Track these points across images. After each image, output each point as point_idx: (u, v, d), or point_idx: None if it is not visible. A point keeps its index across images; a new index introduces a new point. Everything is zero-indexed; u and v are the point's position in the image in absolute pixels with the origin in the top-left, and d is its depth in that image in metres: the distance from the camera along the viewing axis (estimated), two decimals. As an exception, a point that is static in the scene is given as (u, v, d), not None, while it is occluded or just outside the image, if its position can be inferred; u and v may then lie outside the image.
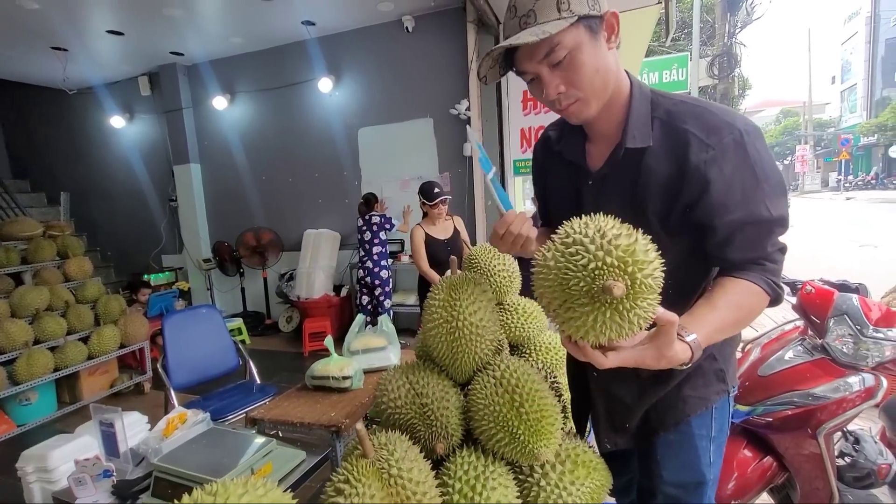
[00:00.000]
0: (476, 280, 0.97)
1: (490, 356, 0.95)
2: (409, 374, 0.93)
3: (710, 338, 0.77)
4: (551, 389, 0.93)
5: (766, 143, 0.81)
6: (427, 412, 0.87)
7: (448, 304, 0.90)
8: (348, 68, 4.95)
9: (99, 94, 6.05)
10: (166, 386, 2.34)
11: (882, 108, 25.89)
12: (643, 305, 0.64)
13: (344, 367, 1.98)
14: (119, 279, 6.53)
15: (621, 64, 0.87)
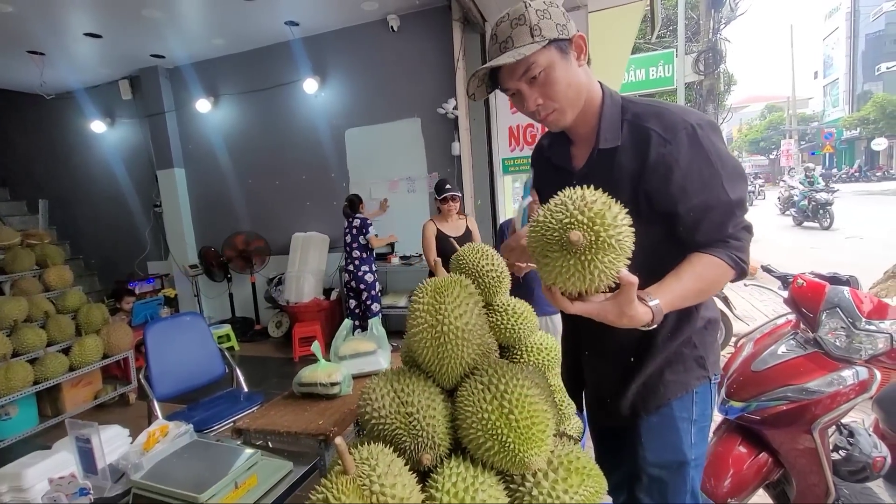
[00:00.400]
0: (462, 282, 0.93)
1: (478, 360, 0.92)
2: (393, 382, 0.89)
3: (672, 304, 0.87)
4: (542, 393, 0.90)
5: (720, 135, 0.93)
6: (413, 422, 0.83)
7: (432, 308, 0.86)
8: (333, 69, 4.89)
9: (78, 98, 5.92)
10: (149, 397, 2.27)
11: (864, 101, 26.35)
12: (604, 261, 0.74)
13: (332, 374, 1.93)
14: (103, 287, 6.41)
15: (610, 60, 1.27)
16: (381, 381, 0.91)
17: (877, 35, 29.69)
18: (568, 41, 0.92)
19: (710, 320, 1.09)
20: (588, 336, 1.20)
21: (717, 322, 1.13)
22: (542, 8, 0.91)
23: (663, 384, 1.06)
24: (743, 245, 0.91)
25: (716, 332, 1.13)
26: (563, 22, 0.92)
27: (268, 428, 1.71)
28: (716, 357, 1.11)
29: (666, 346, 1.04)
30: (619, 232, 0.74)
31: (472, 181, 4.37)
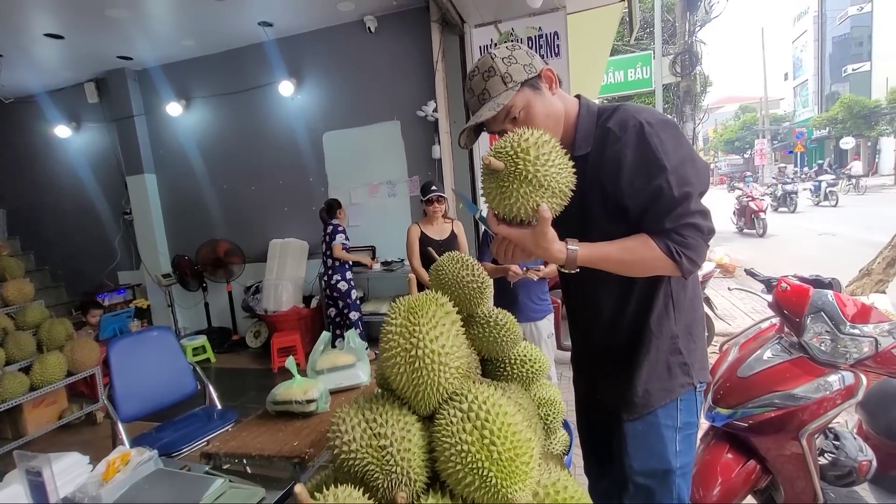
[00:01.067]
0: (438, 300, 0.86)
1: (457, 385, 0.85)
2: (365, 411, 0.82)
3: (590, 259, 0.95)
4: (527, 418, 0.84)
5: (674, 133, 0.96)
6: (386, 456, 0.76)
7: (406, 330, 0.79)
8: (310, 71, 4.77)
9: (41, 102, 5.66)
10: (113, 420, 2.14)
11: (832, 102, 27.25)
12: (520, 191, 0.84)
13: (308, 390, 1.84)
14: (71, 299, 6.13)
15: (589, 62, 1.43)
16: (352, 409, 0.83)
17: (843, 38, 30.78)
18: (537, 77, 1.00)
19: (693, 326, 1.10)
20: (579, 333, 1.28)
21: (701, 328, 1.14)
22: (507, 55, 0.99)
23: (648, 392, 1.07)
24: (686, 241, 0.92)
25: (701, 338, 1.14)
26: (529, 61, 1.00)
27: (239, 451, 1.61)
28: (701, 364, 1.12)
29: (650, 351, 1.06)
30: (539, 169, 0.83)
31: (454, 184, 4.31)
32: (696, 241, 0.92)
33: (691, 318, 1.09)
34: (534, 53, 1.03)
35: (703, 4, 7.44)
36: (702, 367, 1.11)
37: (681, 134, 0.97)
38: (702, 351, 1.12)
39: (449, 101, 4.17)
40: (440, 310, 0.83)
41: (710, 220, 0.93)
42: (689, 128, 8.42)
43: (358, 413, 0.82)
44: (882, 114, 20.92)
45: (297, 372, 1.89)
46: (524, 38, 3.86)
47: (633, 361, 1.08)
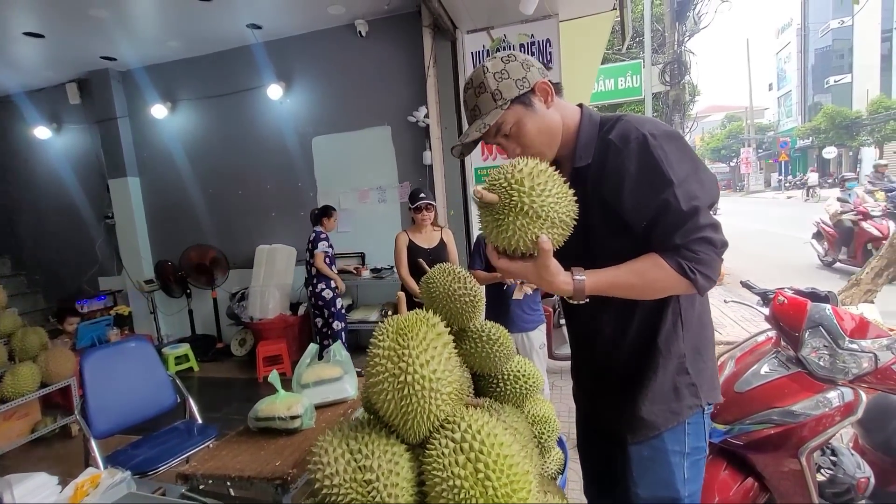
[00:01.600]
0: (429, 320, 0.80)
1: (448, 411, 0.79)
2: (349, 440, 0.76)
3: (598, 287, 0.90)
4: (523, 446, 0.78)
5: (678, 145, 0.91)
6: (372, 491, 0.70)
7: (395, 354, 0.73)
8: (299, 74, 4.70)
9: (19, 102, 5.51)
10: (86, 437, 2.03)
11: (815, 112, 27.88)
12: (516, 223, 0.82)
13: (292, 405, 1.76)
14: (49, 305, 5.95)
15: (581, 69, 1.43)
16: (335, 438, 0.77)
17: (825, 50, 31.58)
18: (531, 92, 0.97)
19: (702, 344, 1.05)
20: (581, 351, 1.23)
21: (710, 345, 1.08)
22: (500, 69, 0.96)
23: (654, 413, 1.01)
24: (699, 257, 0.86)
25: (711, 357, 1.08)
26: (522, 74, 0.96)
27: (217, 472, 1.53)
28: (711, 384, 1.06)
29: (656, 371, 1.01)
30: (535, 199, 0.81)
31: (445, 191, 4.27)
32: (710, 255, 0.86)
33: (700, 336, 1.04)
34: (532, 63, 0.99)
35: (692, 15, 7.56)
36: (711, 387, 1.05)
37: (686, 145, 0.93)
38: (711, 370, 1.06)
39: (440, 106, 4.13)
40: (431, 331, 0.77)
41: (721, 233, 0.88)
42: (678, 136, 8.52)
43: (342, 442, 0.75)
44: (863, 124, 21.44)
45: (280, 386, 1.81)
46: (517, 44, 3.85)
47: (638, 381, 1.02)
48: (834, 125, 22.43)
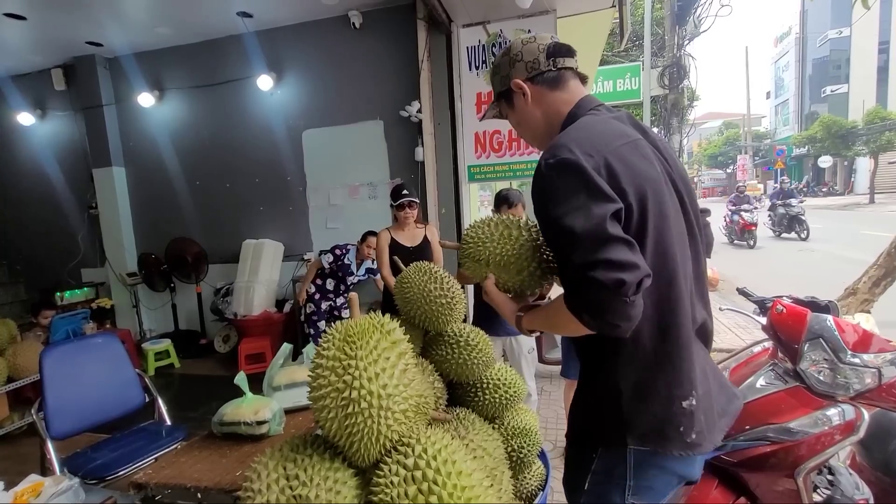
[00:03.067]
0: (384, 326, 0.70)
1: (403, 430, 0.69)
2: (287, 464, 0.65)
3: (532, 324, 0.99)
4: (486, 472, 0.68)
5: (572, 173, 0.82)
6: (306, 527, 0.60)
7: (339, 365, 0.63)
8: (291, 65, 4.59)
9: (3, 87, 5.36)
10: (42, 437, 1.92)
11: (811, 121, 27.98)
12: (470, 267, 1.04)
13: (259, 410, 1.65)
14: (30, 297, 5.79)
15: (581, 68, 1.08)
16: (271, 461, 0.67)
17: (822, 60, 31.72)
18: (509, 90, 1.06)
19: (649, 389, 0.88)
20: None
21: (655, 388, 0.88)
22: (496, 63, 1.10)
23: (586, 431, 0.96)
24: (586, 298, 0.76)
25: (655, 399, 0.88)
26: (507, 72, 1.05)
27: (172, 482, 1.42)
28: (649, 428, 0.88)
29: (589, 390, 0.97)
30: (479, 249, 1.00)
31: (437, 188, 4.16)
32: (599, 296, 0.74)
33: (651, 378, 0.87)
34: (518, 59, 1.03)
35: (692, 19, 7.50)
36: (651, 431, 0.87)
37: (579, 179, 0.81)
38: (653, 413, 0.87)
39: (434, 101, 4.03)
40: (385, 339, 0.67)
41: (618, 271, 0.72)
42: (676, 140, 8.44)
43: (278, 466, 0.65)
44: (858, 134, 21.49)
45: (248, 389, 1.70)
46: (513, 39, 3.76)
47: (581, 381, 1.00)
48: (830, 134, 22.49)
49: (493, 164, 3.98)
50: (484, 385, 1.33)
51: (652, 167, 0.89)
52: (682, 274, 0.87)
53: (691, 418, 0.87)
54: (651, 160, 0.90)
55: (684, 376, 0.87)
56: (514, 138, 3.87)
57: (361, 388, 0.62)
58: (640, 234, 0.82)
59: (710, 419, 0.91)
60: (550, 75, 1.01)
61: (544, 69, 1.00)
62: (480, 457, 0.75)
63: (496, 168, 3.97)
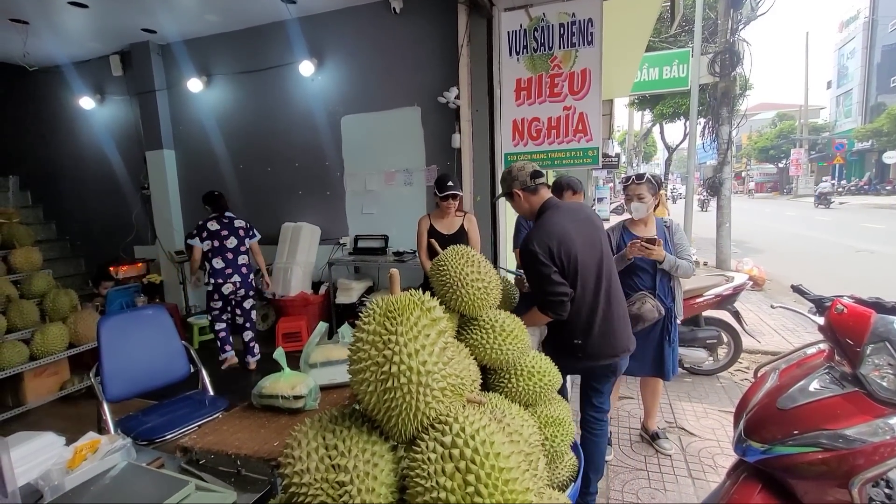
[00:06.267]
0: (424, 303, 0.70)
1: (441, 409, 0.69)
2: (326, 434, 0.66)
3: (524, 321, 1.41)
4: (524, 456, 0.67)
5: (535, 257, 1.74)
6: (344, 496, 0.61)
7: (380, 340, 0.63)
8: (331, 51, 4.63)
9: (66, 72, 5.69)
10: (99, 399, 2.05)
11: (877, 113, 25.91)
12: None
13: (296, 385, 1.70)
14: (89, 270, 6.21)
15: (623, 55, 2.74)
16: (311, 430, 0.68)
17: (893, 47, 29.14)
18: (510, 193, 1.92)
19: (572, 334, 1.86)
20: None
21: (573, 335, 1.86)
22: (504, 177, 1.96)
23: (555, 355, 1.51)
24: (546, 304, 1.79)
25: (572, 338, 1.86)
26: (509, 183, 1.91)
27: (215, 448, 1.49)
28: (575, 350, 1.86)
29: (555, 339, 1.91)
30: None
31: (472, 176, 4.12)
32: (554, 306, 1.76)
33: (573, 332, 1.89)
34: (518, 177, 1.90)
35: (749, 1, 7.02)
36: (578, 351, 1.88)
37: (538, 259, 1.74)
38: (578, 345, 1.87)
39: (472, 88, 3.97)
40: (425, 315, 0.67)
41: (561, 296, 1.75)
42: (725, 131, 8.00)
43: (317, 436, 0.66)
44: (932, 128, 19.74)
45: (286, 364, 1.76)
46: (556, 23, 3.63)
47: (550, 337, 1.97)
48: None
49: (531, 152, 3.89)
50: (518, 372, 1.31)
51: (574, 240, 1.75)
52: (590, 290, 1.80)
53: (584, 347, 1.84)
54: (574, 233, 1.76)
55: (581, 331, 1.83)
56: (552, 126, 3.78)
57: (401, 363, 0.62)
58: (568, 275, 1.75)
59: (594, 350, 1.84)
60: (531, 188, 1.88)
61: (529, 185, 1.87)
62: (517, 441, 0.74)
63: (534, 156, 3.89)
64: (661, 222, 2.45)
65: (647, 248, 2.21)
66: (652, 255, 2.23)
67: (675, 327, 2.42)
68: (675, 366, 2.47)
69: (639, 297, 2.33)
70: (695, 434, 2.76)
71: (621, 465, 2.50)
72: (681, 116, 12.40)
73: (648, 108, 14.67)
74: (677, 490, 2.27)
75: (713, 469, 2.42)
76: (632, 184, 2.36)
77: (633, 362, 2.46)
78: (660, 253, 2.23)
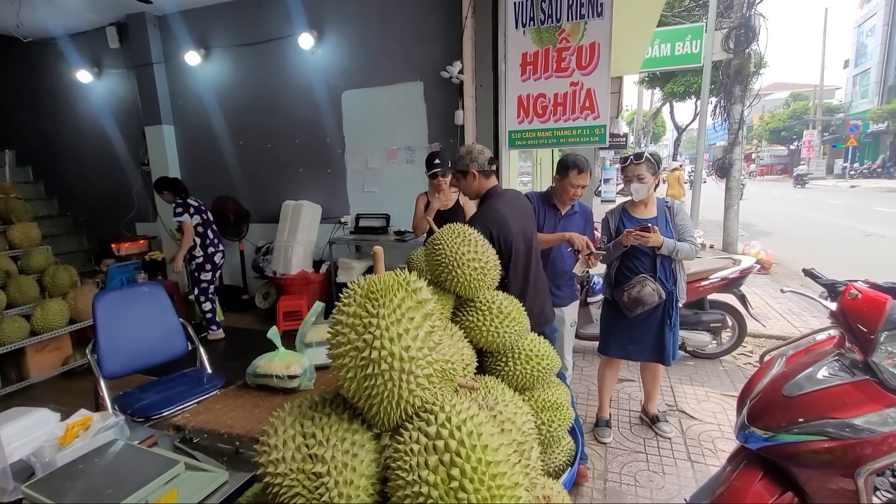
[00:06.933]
0: (410, 283, 0.64)
1: (427, 396, 0.64)
2: (304, 421, 0.62)
3: None
4: (514, 447, 0.63)
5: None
6: (320, 488, 0.57)
7: (360, 323, 0.59)
8: (331, 23, 4.49)
9: (62, 44, 5.56)
10: (95, 376, 2.04)
11: (895, 93, 25.16)
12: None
13: (291, 365, 1.68)
14: (92, 247, 6.20)
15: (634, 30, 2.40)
16: (289, 417, 0.64)
17: (917, 23, 28.07)
18: (467, 171, 1.99)
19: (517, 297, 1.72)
20: None
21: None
22: (463, 154, 2.02)
23: None
24: None
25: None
26: (467, 162, 1.98)
27: (207, 427, 1.47)
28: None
29: None
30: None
31: (475, 154, 4.03)
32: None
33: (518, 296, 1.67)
34: (476, 158, 1.98)
35: (769, -28, 6.72)
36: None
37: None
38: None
39: (476, 61, 3.84)
40: (410, 297, 0.62)
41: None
42: (737, 111, 7.78)
43: (295, 423, 0.62)
44: (952, 110, 19.15)
45: (280, 344, 1.73)
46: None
47: None
48: (917, 109, 20.17)
49: (536, 129, 3.78)
50: (515, 355, 1.27)
51: (511, 229, 1.86)
52: (519, 274, 1.91)
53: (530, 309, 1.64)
54: (512, 222, 1.87)
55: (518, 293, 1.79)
56: (559, 102, 3.66)
57: (382, 348, 0.57)
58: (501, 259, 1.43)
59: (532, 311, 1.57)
60: (486, 172, 1.98)
61: (485, 169, 1.97)
62: (508, 430, 0.69)
63: (539, 134, 3.78)
64: (662, 202, 2.36)
65: (643, 236, 2.14)
66: (649, 243, 2.17)
67: (676, 311, 2.36)
68: (675, 351, 2.42)
69: (639, 280, 2.26)
70: (695, 417, 2.74)
71: (620, 447, 2.49)
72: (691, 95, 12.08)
73: (659, 87, 14.29)
74: (676, 473, 2.26)
75: (713, 453, 2.41)
76: (630, 164, 2.26)
77: (632, 346, 2.42)
78: (657, 239, 2.15)
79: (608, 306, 2.49)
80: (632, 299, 2.26)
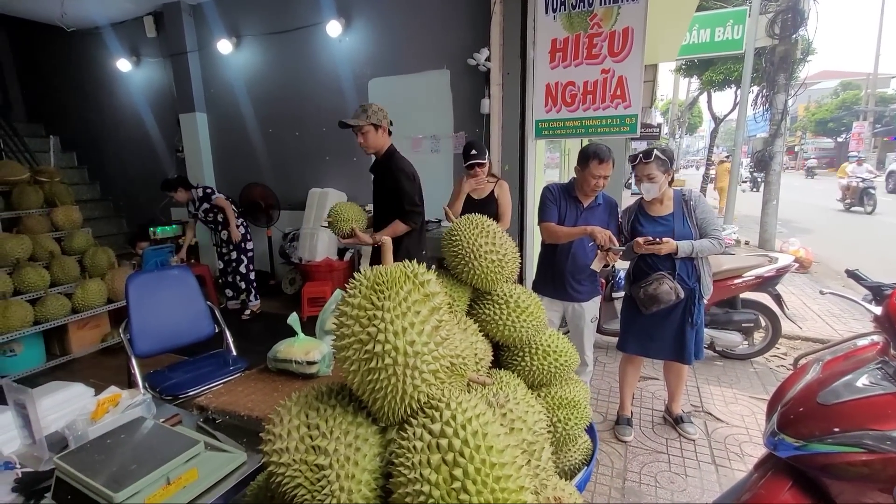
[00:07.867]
0: (418, 275, 0.63)
1: (433, 392, 0.63)
2: (309, 412, 0.62)
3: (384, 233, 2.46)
4: (522, 449, 0.61)
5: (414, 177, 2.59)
6: (322, 480, 0.56)
7: (364, 315, 0.57)
8: (359, 11, 4.47)
9: (103, 34, 5.76)
10: (128, 354, 2.13)
11: (960, 82, 23.29)
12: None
13: (310, 351, 1.70)
14: (130, 230, 6.48)
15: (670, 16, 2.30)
16: (295, 407, 0.64)
17: None
18: (380, 126, 2.48)
19: None
20: None
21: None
22: (376, 109, 2.47)
23: None
24: (410, 216, 2.55)
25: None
26: (380, 117, 2.46)
27: (228, 408, 1.51)
28: None
29: None
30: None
31: (501, 143, 3.96)
32: (415, 219, 2.59)
33: None
34: (385, 117, 2.51)
35: (822, -49, 6.27)
36: None
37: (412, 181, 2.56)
38: None
39: (504, 49, 3.75)
40: (417, 290, 0.60)
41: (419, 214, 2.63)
42: (780, 100, 7.36)
43: (300, 413, 0.62)
44: None
45: (300, 330, 1.76)
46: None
47: None
48: (985, 99, 18.63)
49: (564, 118, 3.68)
50: (533, 350, 1.24)
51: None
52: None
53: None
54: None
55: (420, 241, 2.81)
56: (588, 91, 3.54)
57: (386, 342, 0.56)
58: (418, 192, 2.51)
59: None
60: (390, 130, 2.52)
61: (390, 128, 2.52)
62: (518, 429, 0.67)
63: (567, 123, 3.68)
64: (679, 195, 2.22)
65: (652, 248, 2.05)
66: (661, 252, 2.08)
67: (699, 309, 2.25)
68: (699, 349, 2.32)
69: (656, 276, 2.16)
70: (722, 420, 2.65)
71: (641, 446, 2.43)
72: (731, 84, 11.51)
73: (696, 75, 13.68)
74: (699, 476, 2.19)
75: (739, 457, 2.32)
76: (639, 163, 2.13)
77: (651, 344, 2.34)
78: (669, 247, 2.06)
79: (628, 302, 2.42)
80: (648, 296, 2.17)
